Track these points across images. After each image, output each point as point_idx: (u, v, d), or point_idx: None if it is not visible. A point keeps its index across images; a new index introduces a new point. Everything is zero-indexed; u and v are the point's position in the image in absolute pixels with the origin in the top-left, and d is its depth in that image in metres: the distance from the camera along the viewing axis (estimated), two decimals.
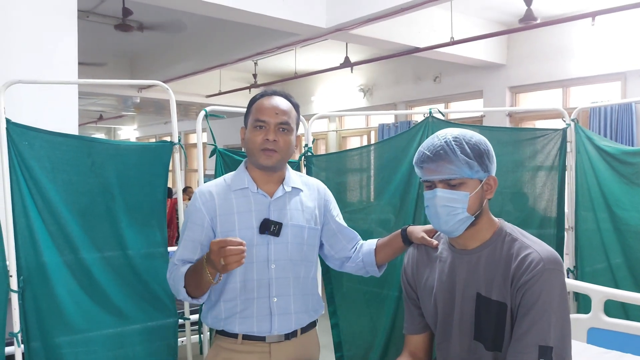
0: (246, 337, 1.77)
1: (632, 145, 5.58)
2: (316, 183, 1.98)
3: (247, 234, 1.75)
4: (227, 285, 1.77)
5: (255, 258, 1.75)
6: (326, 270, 2.76)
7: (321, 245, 1.97)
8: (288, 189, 1.84)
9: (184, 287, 1.71)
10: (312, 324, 1.91)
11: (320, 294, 2.07)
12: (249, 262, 1.71)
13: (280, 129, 1.76)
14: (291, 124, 1.79)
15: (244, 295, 1.76)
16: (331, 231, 1.96)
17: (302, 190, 1.89)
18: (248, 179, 1.81)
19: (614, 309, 2.64)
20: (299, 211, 1.84)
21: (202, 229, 1.78)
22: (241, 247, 1.50)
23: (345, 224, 2.00)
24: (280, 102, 1.79)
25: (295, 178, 1.90)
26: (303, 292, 1.84)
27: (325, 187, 2.01)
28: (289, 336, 1.80)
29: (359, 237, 2.02)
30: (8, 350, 2.08)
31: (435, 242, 1.68)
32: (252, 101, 1.84)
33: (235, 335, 1.78)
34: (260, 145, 1.75)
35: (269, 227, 1.75)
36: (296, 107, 1.85)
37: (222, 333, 1.81)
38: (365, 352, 2.89)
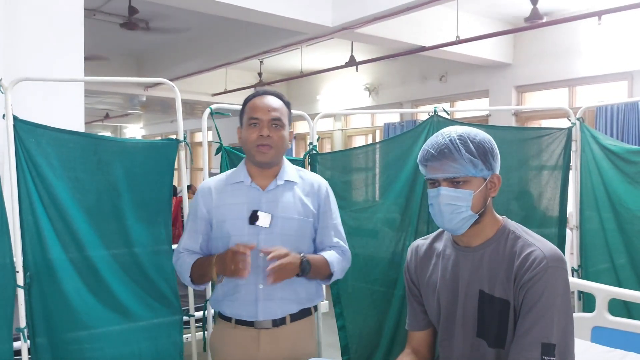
0: (239, 322, 1.88)
1: (639, 145, 5.56)
2: (315, 178, 2.03)
3: (237, 224, 1.86)
4: None
5: None
6: None
7: None
8: (281, 182, 1.92)
9: (189, 276, 1.91)
10: (306, 313, 1.95)
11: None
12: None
13: (273, 125, 1.86)
14: (283, 120, 1.89)
15: (234, 281, 1.85)
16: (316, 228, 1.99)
17: (296, 183, 1.95)
18: (244, 174, 1.92)
19: (617, 308, 2.64)
20: (291, 203, 1.90)
21: (201, 221, 1.93)
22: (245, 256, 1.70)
23: (334, 229, 2.01)
24: (272, 101, 1.90)
25: (290, 172, 1.96)
26: (292, 280, 1.85)
27: (327, 185, 2.04)
28: (277, 323, 1.87)
29: (339, 247, 2.01)
30: (14, 345, 2.09)
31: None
32: (246, 101, 1.95)
33: (229, 319, 1.90)
34: (255, 142, 1.85)
35: (257, 219, 1.84)
36: (287, 104, 1.95)
37: (221, 316, 1.93)
38: (371, 351, 2.89)
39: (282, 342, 1.87)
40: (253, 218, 1.84)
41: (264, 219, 1.84)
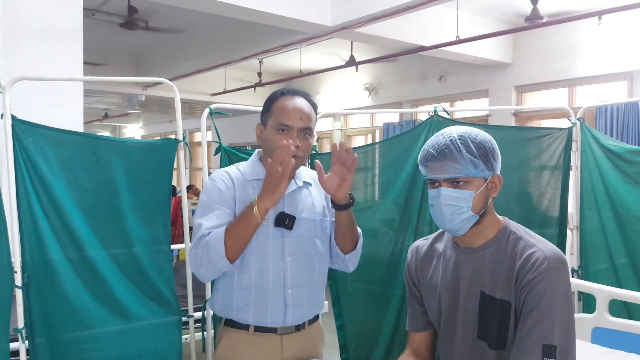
0: (258, 329, 1.79)
1: (639, 145, 5.55)
2: None
3: (261, 226, 1.73)
4: (242, 273, 1.77)
5: (270, 250, 1.77)
6: (331, 271, 2.76)
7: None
8: (300, 183, 1.87)
9: (224, 243, 1.65)
10: (316, 316, 1.94)
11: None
12: (264, 253, 1.76)
13: (303, 134, 1.77)
14: (312, 128, 1.81)
15: (259, 286, 1.77)
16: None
17: (310, 184, 1.91)
18: (263, 171, 1.81)
19: (616, 308, 2.63)
20: (310, 205, 1.87)
21: (231, 204, 1.76)
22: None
23: None
24: (304, 105, 1.79)
25: (304, 173, 1.93)
26: (315, 284, 1.86)
27: None
28: (298, 327, 1.84)
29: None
30: (12, 346, 2.08)
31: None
32: (272, 99, 1.82)
33: (246, 327, 1.79)
34: None
35: (284, 220, 1.77)
36: (315, 107, 1.85)
37: (232, 324, 1.81)
38: (369, 350, 2.89)
39: (302, 345, 1.85)
40: (279, 220, 1.77)
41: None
